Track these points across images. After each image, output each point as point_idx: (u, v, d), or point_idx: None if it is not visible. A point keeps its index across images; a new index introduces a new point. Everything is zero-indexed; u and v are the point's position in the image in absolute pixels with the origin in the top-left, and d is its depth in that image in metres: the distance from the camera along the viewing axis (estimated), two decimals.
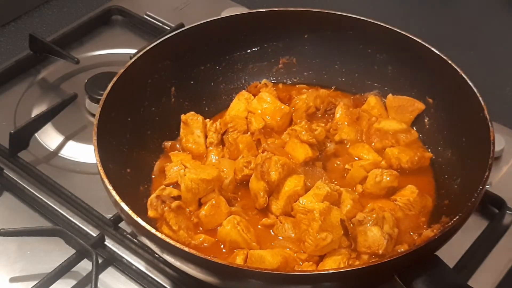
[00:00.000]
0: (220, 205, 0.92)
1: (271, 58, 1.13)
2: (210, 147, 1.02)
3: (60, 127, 1.14)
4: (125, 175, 0.94)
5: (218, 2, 1.35)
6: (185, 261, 0.78)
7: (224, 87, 1.11)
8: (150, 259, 0.94)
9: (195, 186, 0.91)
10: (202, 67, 1.09)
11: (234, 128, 1.01)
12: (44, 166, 1.07)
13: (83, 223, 0.99)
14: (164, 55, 1.04)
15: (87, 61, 1.25)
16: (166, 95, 1.06)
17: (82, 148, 1.11)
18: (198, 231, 0.91)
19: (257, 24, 1.09)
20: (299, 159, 0.96)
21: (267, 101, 1.04)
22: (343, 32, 1.08)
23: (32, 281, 0.90)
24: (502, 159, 1.08)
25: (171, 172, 0.96)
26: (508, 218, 1.01)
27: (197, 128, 1.02)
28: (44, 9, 1.40)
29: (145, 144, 1.01)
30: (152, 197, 0.92)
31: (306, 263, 0.86)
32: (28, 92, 1.21)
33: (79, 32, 1.31)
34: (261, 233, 0.91)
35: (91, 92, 1.14)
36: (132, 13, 1.33)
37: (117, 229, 0.97)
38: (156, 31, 1.28)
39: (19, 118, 1.15)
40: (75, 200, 1.00)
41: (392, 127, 1.02)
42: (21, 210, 1.02)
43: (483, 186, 0.82)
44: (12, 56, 1.27)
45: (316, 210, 0.85)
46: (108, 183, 0.83)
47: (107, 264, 0.95)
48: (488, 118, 0.89)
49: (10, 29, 1.36)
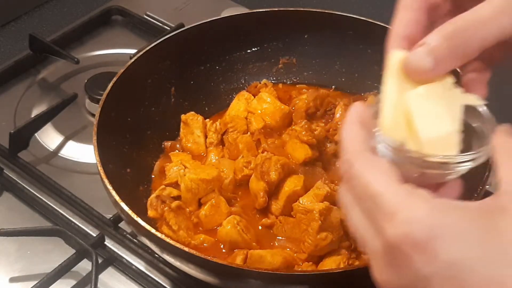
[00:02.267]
0: (220, 205, 0.92)
1: (271, 58, 1.13)
2: (210, 147, 1.02)
3: (60, 127, 1.14)
4: (125, 175, 0.94)
5: (218, 2, 1.35)
6: (185, 261, 0.78)
7: (224, 87, 1.11)
8: (150, 259, 0.94)
9: (195, 186, 0.91)
10: (202, 67, 1.09)
11: (234, 128, 1.01)
12: (44, 166, 1.07)
13: (83, 223, 0.99)
14: (164, 55, 1.04)
15: (87, 61, 1.25)
16: (166, 95, 1.06)
17: (82, 148, 1.11)
18: (198, 231, 0.91)
19: (257, 24, 1.09)
20: (299, 159, 0.96)
21: (267, 101, 1.04)
22: (343, 32, 1.08)
23: (32, 281, 0.90)
24: None
25: (171, 172, 0.96)
26: None
27: (197, 128, 1.02)
28: (44, 9, 1.40)
29: (145, 144, 1.01)
30: (152, 197, 0.92)
31: (306, 263, 0.86)
32: (28, 92, 1.21)
33: (79, 32, 1.31)
34: (261, 233, 0.91)
35: (91, 92, 1.14)
36: (132, 13, 1.33)
37: (117, 229, 0.97)
38: (156, 31, 1.28)
39: (19, 118, 1.15)
40: (75, 200, 1.00)
41: None
42: (21, 210, 1.02)
43: (483, 186, 0.82)
44: (12, 56, 1.27)
45: (316, 210, 0.85)
46: (108, 183, 0.83)
47: (107, 264, 0.95)
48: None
49: (10, 29, 1.36)
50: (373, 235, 0.49)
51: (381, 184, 0.49)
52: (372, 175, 0.49)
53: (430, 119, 0.53)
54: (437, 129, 0.53)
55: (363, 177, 0.50)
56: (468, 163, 0.53)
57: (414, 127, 0.53)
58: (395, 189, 0.48)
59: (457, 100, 0.55)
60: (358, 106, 0.55)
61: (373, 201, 0.48)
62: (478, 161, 0.53)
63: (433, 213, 0.46)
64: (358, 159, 0.51)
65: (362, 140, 0.53)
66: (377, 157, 0.52)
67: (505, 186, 0.48)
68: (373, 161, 0.51)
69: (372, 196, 0.49)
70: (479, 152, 0.53)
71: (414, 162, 0.52)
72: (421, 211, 0.46)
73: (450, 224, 0.45)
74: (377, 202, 0.48)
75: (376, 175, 0.49)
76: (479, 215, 0.46)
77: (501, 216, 0.46)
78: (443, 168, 0.53)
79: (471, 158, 0.53)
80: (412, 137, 0.53)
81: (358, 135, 0.53)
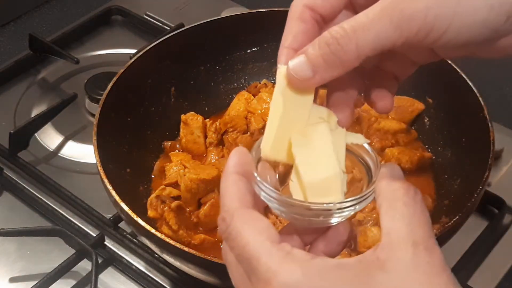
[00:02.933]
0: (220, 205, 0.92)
1: (271, 58, 1.13)
2: (210, 147, 1.02)
3: (60, 127, 1.14)
4: (125, 175, 0.94)
5: (218, 2, 1.35)
6: (185, 261, 0.78)
7: (224, 87, 1.11)
8: (150, 259, 0.94)
9: (195, 186, 0.91)
10: (202, 67, 1.09)
11: (234, 128, 1.01)
12: (44, 166, 1.07)
13: (83, 223, 0.99)
14: (164, 55, 1.04)
15: (87, 61, 1.25)
16: (166, 95, 1.06)
17: (82, 148, 1.11)
18: (198, 231, 0.91)
19: (257, 24, 1.09)
20: None
21: (267, 101, 1.04)
22: None
23: (32, 281, 0.90)
24: (502, 159, 1.08)
25: (171, 172, 0.96)
26: (508, 218, 1.01)
27: (197, 128, 1.02)
28: (44, 9, 1.40)
29: (145, 144, 1.01)
30: (152, 197, 0.92)
31: None
32: (28, 92, 1.21)
33: (79, 32, 1.31)
34: None
35: (91, 92, 1.14)
36: (132, 13, 1.33)
37: (117, 229, 0.97)
38: (156, 31, 1.28)
39: (19, 118, 1.15)
40: (75, 200, 1.00)
41: (391, 127, 1.02)
42: (21, 210, 1.02)
43: (483, 186, 0.82)
44: (12, 56, 1.27)
45: None
46: (108, 183, 0.83)
47: (107, 264, 0.95)
48: (488, 118, 0.89)
49: (10, 29, 1.36)
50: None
51: (257, 246, 0.47)
52: (249, 236, 0.47)
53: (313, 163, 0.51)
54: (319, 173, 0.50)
55: (240, 238, 0.48)
56: (352, 208, 0.51)
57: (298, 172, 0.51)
58: (271, 251, 0.47)
59: (341, 139, 0.53)
60: (237, 152, 0.52)
61: (250, 265, 0.47)
62: (363, 205, 0.51)
63: (308, 277, 0.45)
64: (235, 217, 0.49)
65: (240, 195, 0.50)
66: (255, 213, 0.49)
67: (384, 238, 0.47)
68: (250, 220, 0.49)
69: (248, 259, 0.47)
70: (363, 197, 0.51)
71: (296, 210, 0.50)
72: (296, 275, 0.45)
73: (327, 287, 0.45)
74: (254, 266, 0.47)
75: (252, 236, 0.47)
76: (356, 273, 0.45)
77: (378, 271, 0.45)
78: (326, 215, 0.51)
79: (354, 203, 0.50)
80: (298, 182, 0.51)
81: (235, 188, 0.50)
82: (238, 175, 0.51)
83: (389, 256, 0.46)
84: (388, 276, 0.45)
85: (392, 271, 0.45)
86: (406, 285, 0.45)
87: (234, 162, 0.51)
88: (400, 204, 0.48)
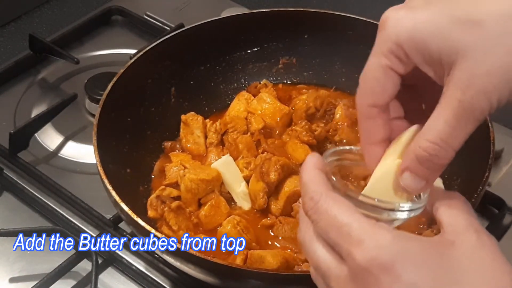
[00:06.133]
0: (220, 205, 0.92)
1: (271, 58, 1.13)
2: (210, 147, 1.02)
3: (60, 127, 1.14)
4: (125, 175, 0.94)
5: (218, 2, 1.35)
6: (185, 261, 0.78)
7: (224, 87, 1.11)
8: (150, 259, 0.94)
9: (195, 186, 0.91)
10: (202, 67, 1.09)
11: (234, 129, 1.01)
12: (44, 166, 1.07)
13: (83, 223, 0.99)
14: (164, 55, 1.04)
15: (87, 61, 1.25)
16: (166, 95, 1.06)
17: (82, 148, 1.11)
18: (198, 231, 0.91)
19: (257, 24, 1.09)
20: (299, 159, 0.96)
21: (267, 102, 1.04)
22: (343, 32, 1.08)
23: (32, 281, 0.90)
24: (502, 159, 1.08)
25: (171, 172, 0.96)
26: (508, 218, 1.01)
27: (197, 128, 1.02)
28: (44, 9, 1.40)
29: (145, 144, 1.01)
30: (152, 197, 0.92)
31: (306, 263, 0.86)
32: (28, 92, 1.21)
33: (79, 32, 1.31)
34: (261, 233, 0.91)
35: (91, 92, 1.14)
36: (132, 13, 1.33)
37: (117, 229, 0.97)
38: (156, 31, 1.28)
39: (19, 118, 1.15)
40: (75, 200, 1.00)
41: None
42: (21, 210, 1.02)
43: (483, 187, 0.82)
44: (12, 56, 1.27)
45: None
46: (108, 183, 0.83)
47: (107, 264, 0.95)
48: (488, 118, 0.89)
49: (10, 29, 1.36)
50: (338, 263, 0.55)
51: (348, 216, 0.54)
52: (339, 209, 0.55)
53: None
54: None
55: (330, 211, 0.55)
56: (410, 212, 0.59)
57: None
58: (361, 220, 0.54)
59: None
60: (315, 155, 0.60)
61: (341, 231, 0.54)
62: (419, 210, 0.59)
63: (396, 241, 0.53)
64: (323, 196, 0.56)
65: (323, 182, 0.58)
66: (340, 196, 0.57)
67: (447, 228, 0.56)
68: (338, 198, 0.56)
69: (340, 226, 0.54)
70: (421, 202, 0.59)
71: (363, 206, 0.57)
72: (386, 239, 0.53)
73: (411, 251, 0.52)
74: (345, 231, 0.54)
75: (342, 209, 0.55)
76: (434, 245, 0.54)
77: (451, 247, 0.53)
78: (389, 214, 0.58)
79: (410, 209, 0.59)
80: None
81: (319, 177, 0.58)
82: (319, 169, 0.59)
83: (457, 238, 0.54)
84: (459, 252, 0.53)
85: (463, 248, 0.53)
86: (476, 260, 0.53)
87: (314, 161, 0.59)
88: (456, 202, 0.58)
